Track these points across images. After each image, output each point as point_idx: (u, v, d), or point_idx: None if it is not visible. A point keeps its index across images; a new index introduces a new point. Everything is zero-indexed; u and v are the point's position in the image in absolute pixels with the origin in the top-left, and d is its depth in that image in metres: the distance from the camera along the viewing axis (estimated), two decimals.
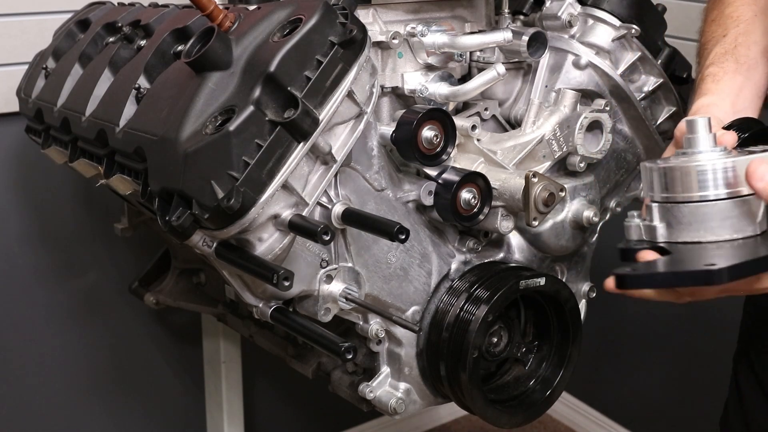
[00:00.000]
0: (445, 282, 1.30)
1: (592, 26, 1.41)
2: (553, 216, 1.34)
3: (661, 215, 0.95)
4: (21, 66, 1.64)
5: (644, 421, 2.25)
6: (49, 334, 1.88)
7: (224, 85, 1.07)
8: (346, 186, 1.18)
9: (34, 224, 1.84)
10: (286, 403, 2.22)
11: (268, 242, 1.10)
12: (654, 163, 0.98)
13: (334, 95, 1.09)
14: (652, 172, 0.96)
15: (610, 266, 0.93)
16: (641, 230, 0.97)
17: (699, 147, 0.95)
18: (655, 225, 0.95)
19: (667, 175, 0.95)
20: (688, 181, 0.93)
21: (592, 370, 2.31)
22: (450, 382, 1.27)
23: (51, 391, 1.90)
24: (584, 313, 1.44)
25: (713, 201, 0.92)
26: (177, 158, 1.05)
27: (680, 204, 0.93)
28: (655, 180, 0.96)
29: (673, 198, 0.94)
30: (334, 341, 1.13)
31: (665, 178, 0.95)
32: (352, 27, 1.09)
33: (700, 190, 0.92)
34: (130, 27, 1.35)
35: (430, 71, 1.29)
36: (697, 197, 0.93)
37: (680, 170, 0.94)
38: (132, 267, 1.88)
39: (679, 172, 0.94)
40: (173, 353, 2.05)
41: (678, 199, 0.94)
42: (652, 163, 0.97)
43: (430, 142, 1.20)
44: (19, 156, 1.79)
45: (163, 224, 1.07)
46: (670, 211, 0.94)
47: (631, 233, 0.98)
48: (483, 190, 1.23)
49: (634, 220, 0.98)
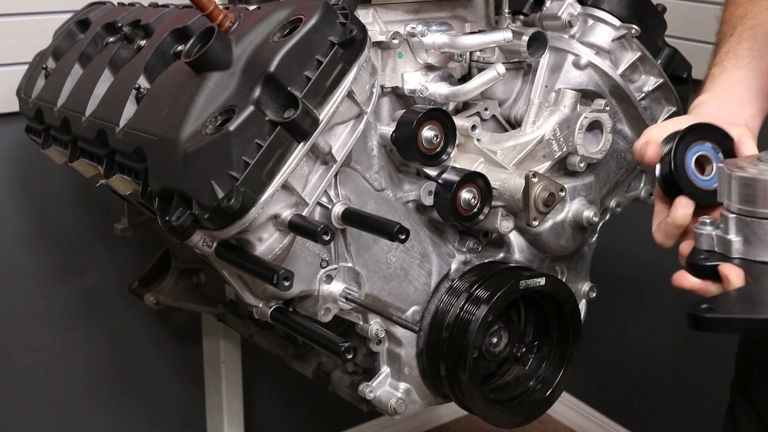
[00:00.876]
0: (445, 282, 1.30)
1: (592, 26, 1.41)
2: (553, 216, 1.34)
3: (738, 228, 0.85)
4: (21, 66, 1.64)
5: (644, 421, 2.25)
6: (49, 334, 1.88)
7: (224, 85, 1.07)
8: (346, 186, 1.18)
9: (34, 224, 1.84)
10: (286, 403, 2.22)
11: (268, 242, 1.10)
12: (733, 167, 0.87)
13: (334, 95, 1.09)
14: (731, 179, 0.86)
15: (610, 266, 0.91)
16: (713, 240, 0.87)
17: None
18: (730, 239, 0.86)
19: (749, 187, 0.84)
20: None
21: (592, 370, 2.31)
22: (450, 382, 1.27)
23: (51, 391, 1.90)
24: (584, 313, 1.44)
25: None
26: (177, 158, 1.05)
27: (762, 219, 0.84)
28: (734, 189, 0.86)
29: (753, 213, 0.84)
30: (334, 341, 1.13)
31: (746, 189, 0.85)
32: (352, 27, 1.09)
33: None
34: (130, 27, 1.35)
35: (430, 71, 1.29)
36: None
37: (764, 184, 0.84)
38: (132, 267, 1.88)
39: (763, 186, 0.84)
40: (173, 353, 2.05)
41: (759, 215, 0.84)
42: (731, 168, 0.87)
43: (430, 142, 1.20)
44: (19, 156, 1.79)
45: (163, 224, 1.07)
46: (749, 225, 0.85)
47: (701, 242, 0.88)
48: (483, 190, 1.23)
49: (706, 227, 0.88)
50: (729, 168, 0.87)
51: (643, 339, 2.21)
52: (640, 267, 2.15)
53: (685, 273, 0.88)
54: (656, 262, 2.06)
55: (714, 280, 0.86)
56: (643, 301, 2.17)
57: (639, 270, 2.15)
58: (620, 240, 2.11)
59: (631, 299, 2.19)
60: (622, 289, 2.18)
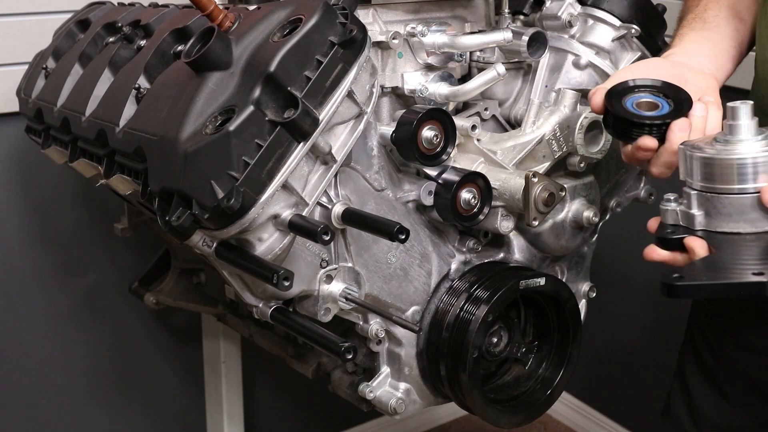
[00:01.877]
0: (445, 282, 1.30)
1: (592, 26, 1.41)
2: (553, 216, 1.34)
3: (700, 203, 0.95)
4: (21, 66, 1.64)
5: (644, 421, 2.25)
6: (49, 334, 1.88)
7: (224, 85, 1.07)
8: (346, 186, 1.18)
9: (34, 224, 1.84)
10: (286, 403, 2.22)
11: (268, 242, 1.10)
12: (693, 148, 0.96)
13: (334, 95, 1.09)
14: (692, 159, 0.95)
15: (610, 266, 0.93)
16: (678, 215, 0.97)
17: (740, 135, 0.94)
18: (693, 213, 0.95)
19: (707, 166, 0.94)
20: (729, 174, 0.93)
21: (592, 370, 2.31)
22: (450, 382, 1.27)
23: (51, 391, 1.90)
24: (584, 313, 1.45)
25: (753, 194, 0.92)
26: (177, 158, 1.05)
27: (720, 195, 0.93)
28: (695, 168, 0.95)
29: (712, 188, 0.94)
30: (334, 341, 1.13)
31: (705, 168, 0.94)
32: (352, 27, 1.09)
33: (740, 183, 0.92)
34: (130, 27, 1.35)
35: (430, 71, 1.29)
36: (737, 189, 0.92)
37: (720, 162, 0.93)
38: (132, 267, 1.88)
39: (719, 164, 0.93)
40: (173, 353, 2.05)
41: (717, 190, 0.93)
42: (691, 149, 0.96)
43: (430, 142, 1.20)
44: (19, 156, 1.79)
45: (163, 224, 1.07)
46: (709, 200, 0.94)
47: (667, 217, 0.97)
48: (483, 190, 1.23)
49: (671, 204, 0.97)
50: (689, 149, 0.96)
51: (643, 339, 2.21)
52: (640, 267, 2.14)
53: (654, 247, 0.96)
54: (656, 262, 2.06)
55: (681, 251, 0.95)
56: (642, 301, 2.17)
57: (639, 270, 2.15)
58: (620, 240, 2.11)
59: (631, 299, 2.19)
60: (622, 289, 2.18)
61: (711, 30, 1.19)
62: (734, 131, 0.94)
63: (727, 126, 0.95)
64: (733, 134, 0.94)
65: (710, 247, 0.92)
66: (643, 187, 1.53)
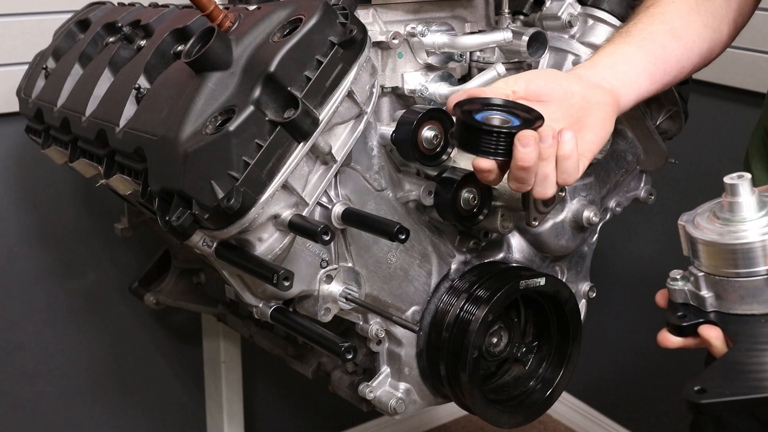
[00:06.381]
0: (445, 282, 1.30)
1: (592, 26, 1.40)
2: (553, 216, 1.34)
3: (708, 285, 0.89)
4: (21, 66, 1.64)
5: (644, 421, 2.25)
6: (49, 334, 1.88)
7: (224, 85, 1.07)
8: (346, 186, 1.18)
9: (34, 224, 1.84)
10: (286, 403, 2.22)
11: (268, 242, 1.10)
12: (695, 227, 0.91)
13: (334, 95, 1.09)
14: (695, 243, 0.90)
15: (609, 266, 0.92)
16: (687, 294, 0.91)
17: (742, 213, 0.88)
18: (703, 295, 0.90)
19: (712, 251, 0.88)
20: (736, 259, 0.87)
21: (592, 370, 2.31)
22: (450, 382, 1.27)
23: (51, 391, 1.90)
24: (584, 313, 1.45)
25: (764, 276, 0.86)
26: (177, 158, 1.05)
27: (729, 278, 0.88)
28: (699, 252, 0.90)
29: (719, 273, 0.88)
30: (334, 341, 1.13)
31: (709, 253, 0.89)
32: (352, 27, 1.09)
33: (748, 267, 0.87)
34: (130, 27, 1.35)
35: (430, 71, 1.29)
36: (744, 273, 0.87)
37: (725, 248, 0.87)
38: (132, 267, 1.88)
39: (724, 249, 0.88)
40: (173, 353, 2.05)
41: (725, 275, 0.88)
42: (693, 228, 0.90)
43: (430, 142, 1.20)
44: (19, 156, 1.79)
45: (163, 224, 1.07)
46: (718, 283, 0.88)
47: (676, 296, 0.92)
48: (483, 190, 1.23)
49: (678, 283, 0.92)
50: (691, 228, 0.90)
51: (643, 339, 2.21)
52: (640, 267, 2.15)
53: (667, 334, 0.91)
54: (656, 262, 2.06)
55: (695, 336, 0.90)
56: (642, 301, 2.17)
57: (639, 270, 2.15)
58: (620, 240, 2.11)
59: (631, 299, 2.19)
60: (622, 289, 2.18)
61: (631, 44, 1.11)
62: (735, 210, 0.88)
63: (727, 203, 0.89)
64: (733, 213, 0.89)
65: (726, 337, 0.87)
66: (643, 187, 1.53)
